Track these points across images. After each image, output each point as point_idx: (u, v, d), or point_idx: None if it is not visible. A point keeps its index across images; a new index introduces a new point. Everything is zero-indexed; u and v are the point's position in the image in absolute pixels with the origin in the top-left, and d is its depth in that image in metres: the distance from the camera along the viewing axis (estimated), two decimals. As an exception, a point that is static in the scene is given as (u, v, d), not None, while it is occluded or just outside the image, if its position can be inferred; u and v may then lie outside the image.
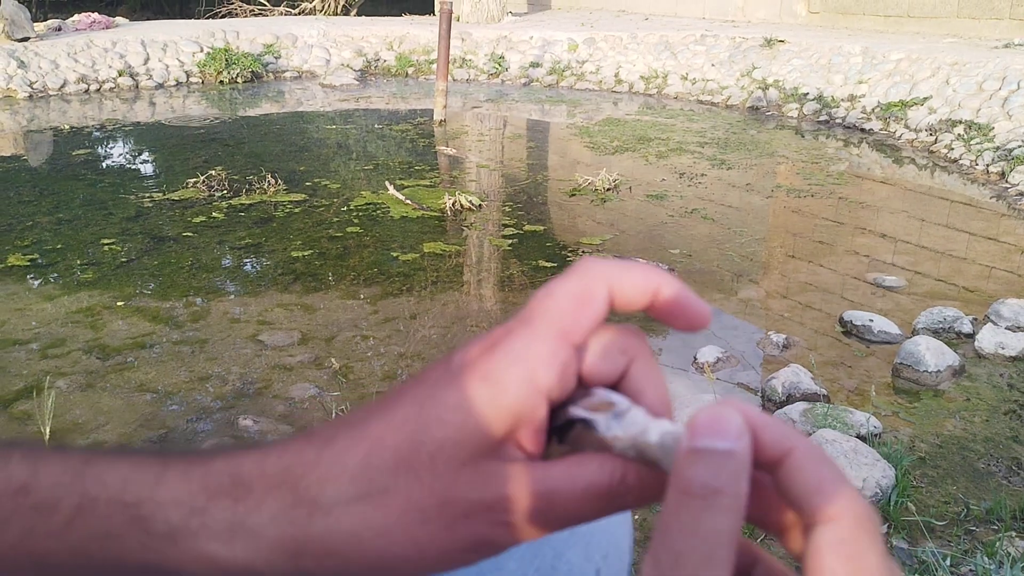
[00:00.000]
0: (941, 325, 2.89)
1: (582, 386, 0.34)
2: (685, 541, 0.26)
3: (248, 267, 3.68)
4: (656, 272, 0.34)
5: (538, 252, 3.82)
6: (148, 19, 10.35)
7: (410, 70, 9.25)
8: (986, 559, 1.66)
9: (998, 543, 1.72)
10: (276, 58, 9.10)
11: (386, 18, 10.98)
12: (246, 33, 9.24)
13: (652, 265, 0.35)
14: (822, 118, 6.77)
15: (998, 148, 5.25)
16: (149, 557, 0.33)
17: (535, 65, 8.97)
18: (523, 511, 0.32)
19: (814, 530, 0.27)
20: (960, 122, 5.74)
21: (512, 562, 0.63)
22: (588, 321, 0.33)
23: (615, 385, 0.34)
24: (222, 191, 4.67)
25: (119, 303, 3.22)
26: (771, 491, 0.29)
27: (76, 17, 9.28)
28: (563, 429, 0.33)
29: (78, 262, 3.64)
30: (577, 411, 0.32)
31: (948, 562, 1.67)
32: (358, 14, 11.80)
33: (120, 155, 5.89)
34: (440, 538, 0.32)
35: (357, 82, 8.69)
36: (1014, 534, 1.77)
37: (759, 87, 7.46)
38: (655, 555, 0.27)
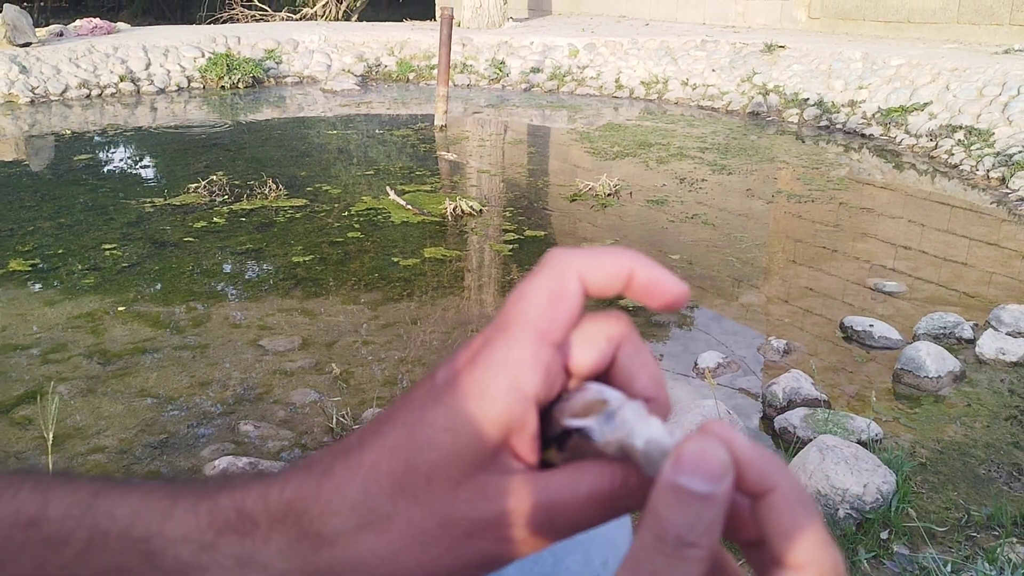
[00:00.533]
0: (942, 330, 2.89)
1: (573, 379, 0.34)
2: None
3: (249, 272, 3.69)
4: (626, 254, 0.33)
5: (539, 257, 3.79)
6: (149, 24, 10.38)
7: (411, 75, 9.27)
8: (987, 565, 1.66)
9: (999, 549, 1.72)
10: (277, 63, 9.12)
11: (387, 23, 11.02)
12: (247, 38, 9.27)
13: (622, 248, 0.35)
14: (823, 123, 6.78)
15: (998, 154, 5.26)
16: None
17: (536, 70, 8.99)
18: (526, 523, 0.32)
19: (778, 573, 0.28)
20: (960, 127, 5.75)
21: (512, 569, 0.63)
22: (564, 317, 0.33)
23: (607, 372, 0.34)
24: (223, 196, 4.67)
25: (120, 308, 3.22)
26: (746, 512, 0.29)
27: (78, 22, 9.31)
28: (561, 438, 0.33)
29: (79, 267, 3.65)
30: (572, 421, 0.32)
31: (949, 568, 1.67)
32: (359, 20, 11.83)
33: (121, 160, 5.90)
34: (445, 559, 0.32)
35: (358, 87, 8.71)
36: (1015, 540, 1.77)
37: (759, 92, 7.47)
38: None
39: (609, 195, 4.77)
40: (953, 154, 5.56)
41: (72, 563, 0.34)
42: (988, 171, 5.18)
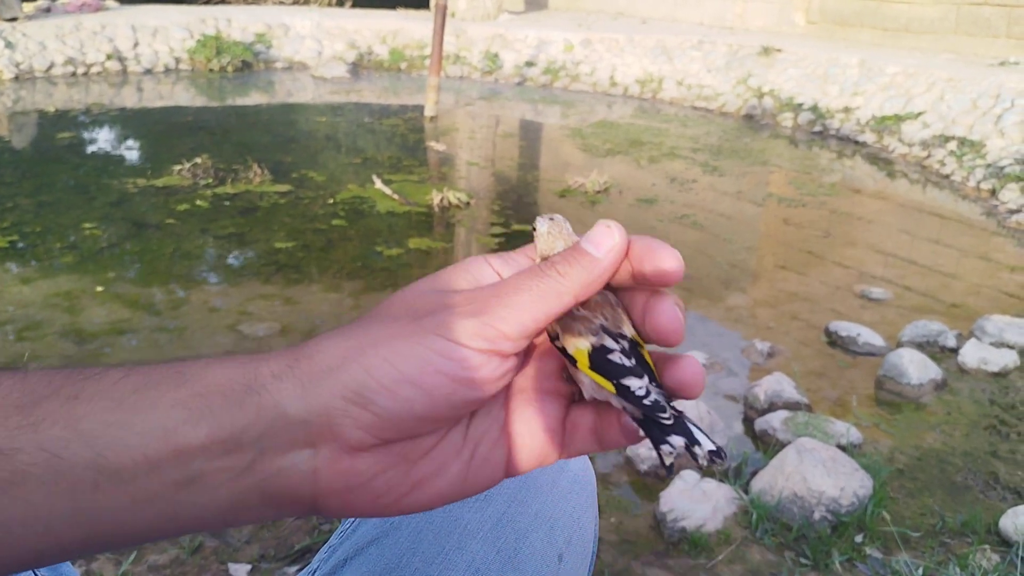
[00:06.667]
0: (926, 339, 2.88)
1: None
2: None
3: (230, 257, 3.64)
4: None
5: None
6: (139, 3, 10.24)
7: (403, 65, 9.20)
8: (958, 571, 1.65)
9: (971, 556, 1.71)
10: (267, 47, 9.03)
11: (380, 11, 10.93)
12: (238, 21, 9.16)
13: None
14: (816, 129, 6.78)
15: (990, 165, 5.26)
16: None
17: (530, 64, 8.95)
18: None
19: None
20: (953, 138, 5.76)
21: (475, 543, 0.62)
22: None
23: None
24: (207, 179, 4.61)
25: (98, 288, 3.17)
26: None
27: (67, -1, 9.17)
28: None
29: (58, 245, 3.59)
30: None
31: (921, 572, 1.65)
32: (353, 6, 11.74)
33: (105, 140, 5.82)
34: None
35: (348, 75, 8.64)
36: (988, 547, 1.76)
37: (754, 95, 7.46)
38: None
39: (599, 192, 4.73)
40: (945, 164, 5.57)
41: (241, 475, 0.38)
42: (979, 182, 5.19)
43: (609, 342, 0.40)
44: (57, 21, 8.24)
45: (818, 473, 1.85)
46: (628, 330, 0.41)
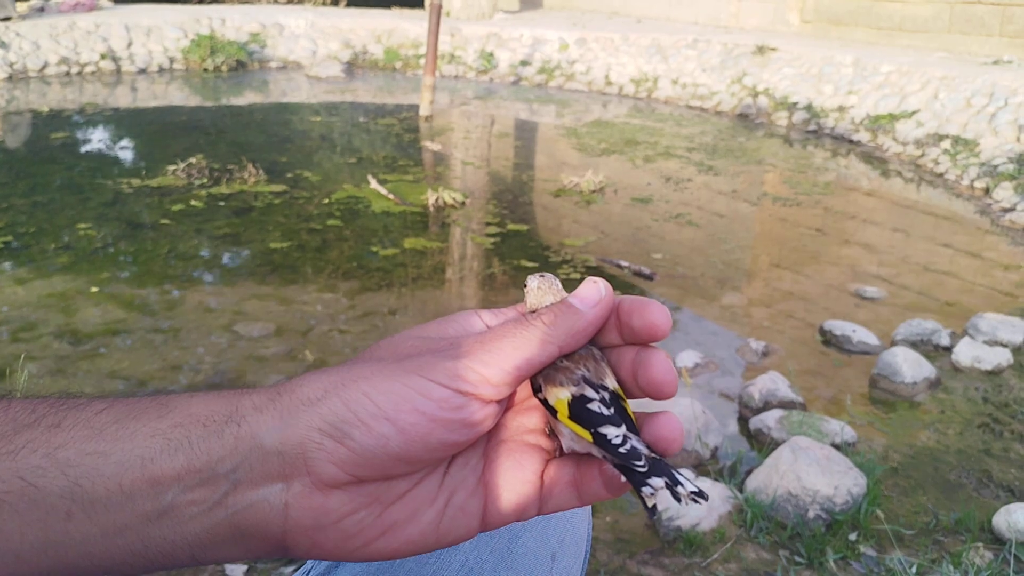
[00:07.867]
0: (919, 337, 2.89)
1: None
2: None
3: (225, 257, 3.63)
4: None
5: (520, 251, 3.80)
6: (133, 2, 10.21)
7: (398, 64, 9.20)
8: (952, 568, 1.66)
9: (964, 554, 1.72)
10: (262, 47, 9.01)
11: (375, 10, 10.91)
12: (232, 21, 9.15)
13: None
14: (811, 128, 6.79)
15: (983, 164, 5.28)
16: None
17: (525, 63, 8.95)
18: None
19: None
20: (947, 136, 5.78)
21: (469, 543, 0.62)
22: None
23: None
24: (202, 179, 4.60)
25: (93, 289, 3.16)
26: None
27: (61, -2, 9.15)
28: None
29: (52, 246, 3.58)
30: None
31: (915, 570, 1.66)
32: (347, 5, 11.72)
33: (99, 140, 5.80)
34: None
35: (343, 74, 8.63)
36: (981, 545, 1.77)
37: (749, 94, 7.47)
38: None
39: (594, 192, 4.74)
40: (939, 163, 5.59)
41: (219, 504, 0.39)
42: (972, 181, 5.21)
43: (589, 392, 0.41)
44: (51, 20, 8.22)
45: (812, 472, 1.86)
46: (610, 383, 0.42)
